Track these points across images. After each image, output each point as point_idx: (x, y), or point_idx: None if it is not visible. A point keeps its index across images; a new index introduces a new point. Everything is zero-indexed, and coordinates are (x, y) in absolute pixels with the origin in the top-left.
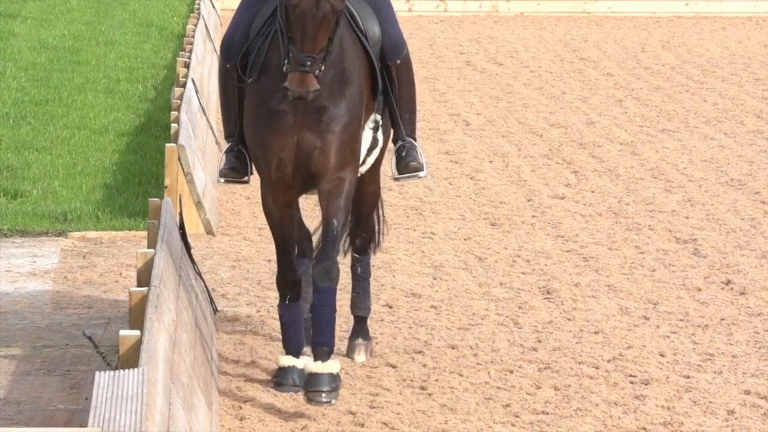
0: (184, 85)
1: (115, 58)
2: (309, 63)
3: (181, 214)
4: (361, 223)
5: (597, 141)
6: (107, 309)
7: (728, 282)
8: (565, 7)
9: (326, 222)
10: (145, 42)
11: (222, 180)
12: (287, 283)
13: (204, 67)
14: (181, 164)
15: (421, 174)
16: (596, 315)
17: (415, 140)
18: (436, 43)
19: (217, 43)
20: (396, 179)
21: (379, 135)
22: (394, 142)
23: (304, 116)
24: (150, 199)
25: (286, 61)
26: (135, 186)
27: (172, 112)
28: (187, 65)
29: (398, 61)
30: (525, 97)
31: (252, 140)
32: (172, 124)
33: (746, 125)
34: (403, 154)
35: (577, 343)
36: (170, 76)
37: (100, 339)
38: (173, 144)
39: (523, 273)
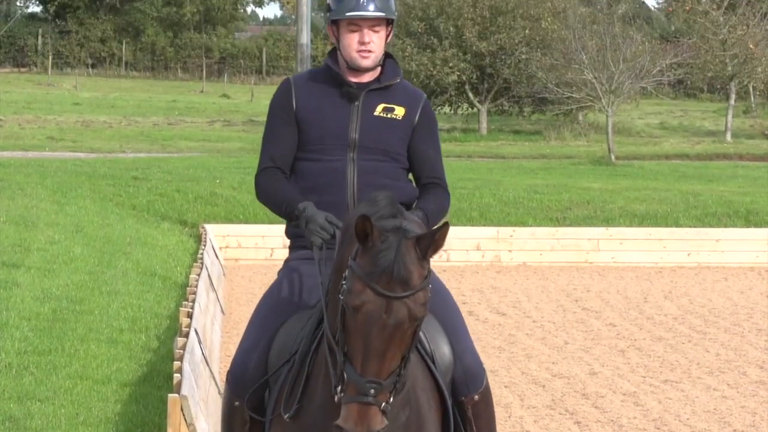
0: (186, 335)
1: (118, 307)
2: (373, 392)
3: None
4: None
5: (600, 391)
6: None
7: None
8: (568, 257)
9: None
10: (149, 292)
11: None
12: None
13: (207, 317)
14: (184, 415)
15: None
16: None
17: None
18: None
19: (221, 293)
20: None
21: None
22: None
23: None
24: None
25: (338, 388)
26: None
27: (175, 362)
28: (190, 315)
29: (476, 397)
30: (528, 347)
31: None
32: (175, 375)
33: (749, 376)
34: None
35: None
36: (173, 325)
37: None
38: (176, 394)
39: None
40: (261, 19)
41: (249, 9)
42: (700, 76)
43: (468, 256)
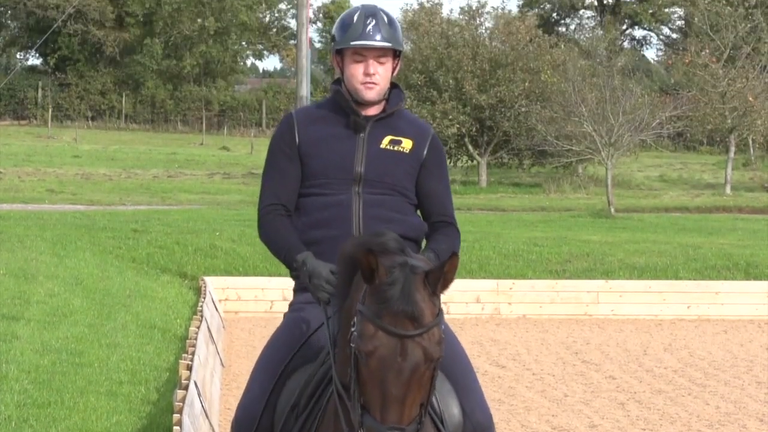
0: (186, 388)
1: (117, 360)
2: None
3: None
4: None
5: None
6: None
7: None
8: (567, 309)
9: None
10: (148, 344)
11: None
12: None
13: (206, 370)
14: None
15: None
16: None
17: None
18: None
19: (220, 346)
20: None
21: None
22: None
23: None
24: None
25: None
26: None
27: (174, 415)
28: (189, 367)
29: None
30: (527, 400)
31: None
32: (174, 427)
33: (749, 429)
34: None
35: None
36: (173, 378)
37: None
38: None
39: None
40: (261, 71)
41: (248, 62)
42: (700, 128)
43: (468, 308)
